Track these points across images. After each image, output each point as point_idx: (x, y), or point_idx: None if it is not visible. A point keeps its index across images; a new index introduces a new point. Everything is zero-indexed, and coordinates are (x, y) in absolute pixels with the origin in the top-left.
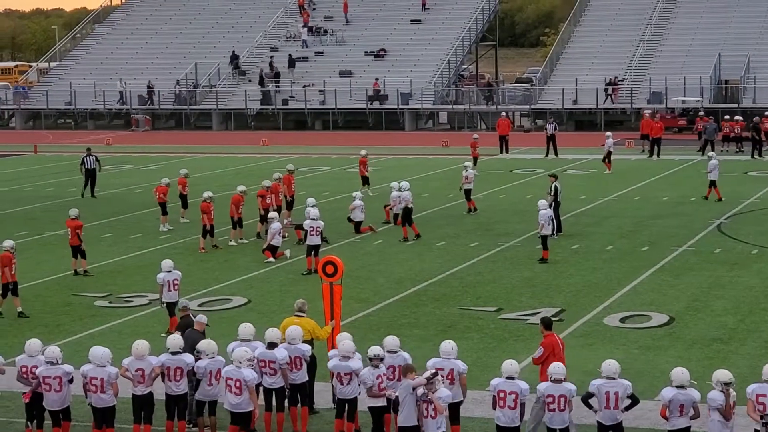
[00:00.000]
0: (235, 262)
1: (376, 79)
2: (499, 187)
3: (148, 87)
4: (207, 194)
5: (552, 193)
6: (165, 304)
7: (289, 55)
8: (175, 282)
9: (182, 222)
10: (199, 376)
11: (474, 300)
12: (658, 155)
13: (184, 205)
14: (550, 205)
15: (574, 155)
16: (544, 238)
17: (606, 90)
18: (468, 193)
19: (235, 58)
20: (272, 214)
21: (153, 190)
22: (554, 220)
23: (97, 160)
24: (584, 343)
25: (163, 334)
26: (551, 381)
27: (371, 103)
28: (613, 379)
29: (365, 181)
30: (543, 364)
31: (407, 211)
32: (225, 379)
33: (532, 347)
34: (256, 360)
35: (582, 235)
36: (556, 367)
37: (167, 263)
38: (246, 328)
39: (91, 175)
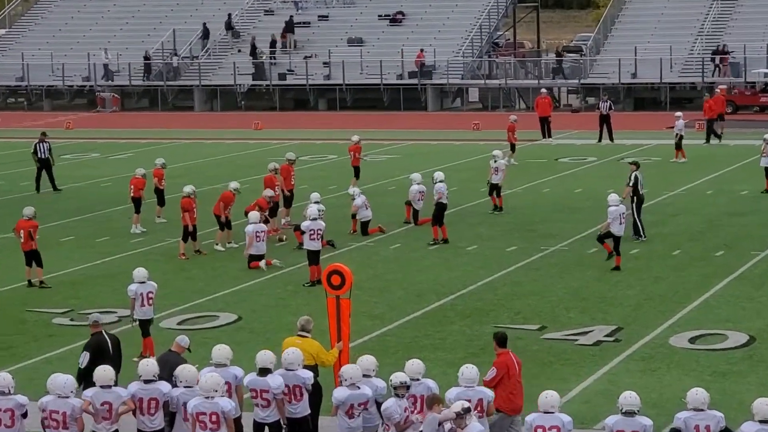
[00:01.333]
0: (222, 271)
1: (421, 50)
2: (541, 179)
3: (145, 58)
4: (189, 189)
5: (632, 184)
6: (137, 322)
7: (290, 17)
8: (150, 295)
9: (158, 222)
10: (173, 407)
11: (512, 316)
12: (708, 140)
13: (161, 202)
14: (632, 200)
15: (632, 140)
16: (614, 240)
17: (713, 60)
18: (497, 188)
19: (206, 32)
20: (252, 214)
21: (130, 183)
22: (636, 221)
23: (50, 149)
24: (646, 368)
25: (135, 359)
26: (622, 414)
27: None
28: (702, 410)
29: (357, 173)
30: (496, 387)
31: (441, 208)
32: (195, 415)
33: (582, 372)
34: (231, 387)
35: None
36: (628, 397)
37: (140, 272)
38: (221, 351)
39: (45, 165)
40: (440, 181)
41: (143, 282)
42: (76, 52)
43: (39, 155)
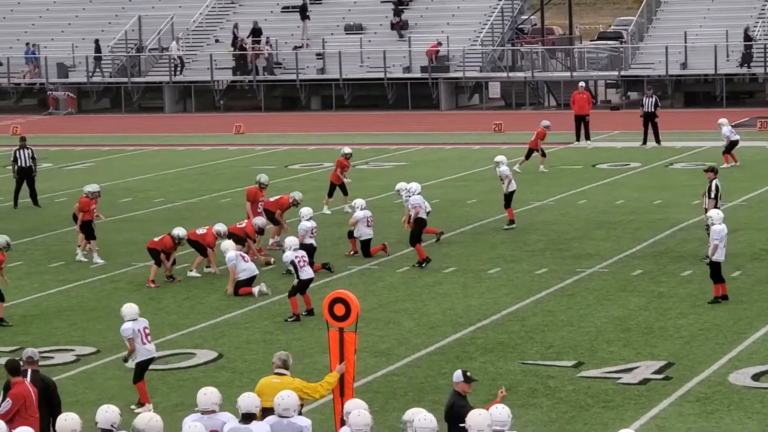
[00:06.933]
0: (199, 301)
1: (438, 42)
2: (576, 188)
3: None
4: None
5: (712, 195)
6: (132, 363)
7: (304, 2)
8: (147, 330)
9: (83, 257)
10: None
11: (543, 351)
12: None
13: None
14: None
15: (682, 142)
16: (714, 267)
17: None
18: (509, 198)
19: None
20: (226, 244)
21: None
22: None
23: (33, 157)
24: (702, 410)
25: (133, 407)
26: None
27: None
28: None
29: (336, 190)
30: (12, 421)
31: (419, 224)
32: None
33: (626, 417)
34: None
35: (696, 256)
36: None
37: (132, 309)
38: (207, 396)
39: (26, 176)
40: (417, 193)
41: (135, 319)
42: (23, 45)
43: (20, 164)
